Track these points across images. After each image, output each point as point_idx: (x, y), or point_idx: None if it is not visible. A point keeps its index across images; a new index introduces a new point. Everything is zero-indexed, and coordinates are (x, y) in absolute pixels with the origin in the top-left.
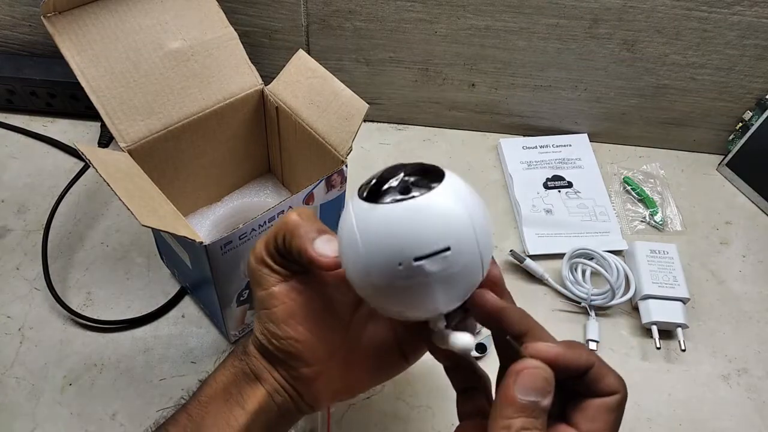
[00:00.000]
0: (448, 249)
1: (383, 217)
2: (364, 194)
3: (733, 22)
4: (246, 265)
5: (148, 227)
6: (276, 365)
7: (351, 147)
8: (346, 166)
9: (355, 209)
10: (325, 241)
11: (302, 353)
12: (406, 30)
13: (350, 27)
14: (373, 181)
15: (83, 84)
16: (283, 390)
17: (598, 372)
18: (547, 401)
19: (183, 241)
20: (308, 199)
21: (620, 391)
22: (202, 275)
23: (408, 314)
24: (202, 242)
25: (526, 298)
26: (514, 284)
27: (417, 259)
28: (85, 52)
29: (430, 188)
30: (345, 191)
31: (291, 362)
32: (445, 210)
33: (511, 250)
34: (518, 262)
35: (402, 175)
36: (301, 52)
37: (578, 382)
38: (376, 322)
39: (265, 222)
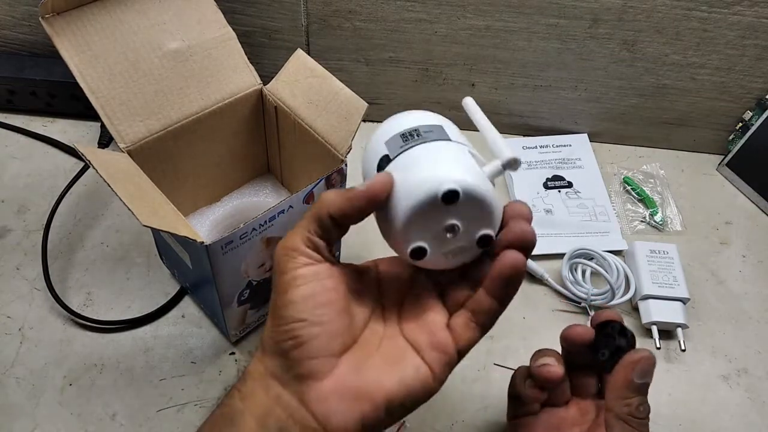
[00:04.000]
0: None
1: None
2: None
3: (733, 22)
4: (274, 254)
5: (149, 228)
6: (279, 373)
7: (350, 146)
8: (346, 165)
9: None
10: (361, 184)
11: (311, 340)
12: (406, 30)
13: (350, 27)
14: None
15: (82, 85)
16: (283, 408)
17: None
18: (650, 380)
19: (184, 241)
20: (308, 198)
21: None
22: (202, 275)
23: None
24: (203, 242)
25: (526, 297)
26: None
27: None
28: (84, 53)
29: None
30: None
31: (297, 353)
32: None
33: None
34: None
35: None
36: (300, 52)
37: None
38: (398, 332)
39: (265, 221)
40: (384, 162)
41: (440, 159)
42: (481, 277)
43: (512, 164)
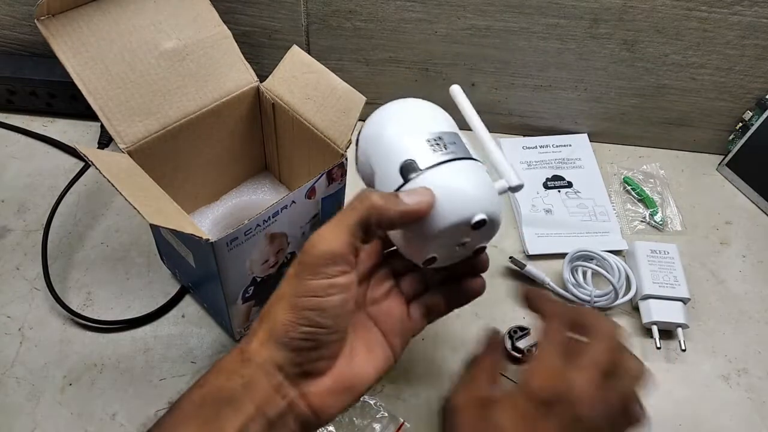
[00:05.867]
0: None
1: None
2: None
3: (733, 22)
4: (310, 249)
5: (156, 225)
6: (285, 365)
7: (350, 140)
8: (346, 159)
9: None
10: (406, 195)
11: (328, 344)
12: (406, 30)
13: (350, 27)
14: None
15: (80, 86)
16: (282, 397)
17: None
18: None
19: (188, 239)
20: (310, 193)
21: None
22: (206, 273)
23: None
24: (208, 239)
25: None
26: (515, 290)
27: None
28: (81, 55)
29: None
30: (345, 184)
31: (311, 354)
32: None
33: (510, 257)
34: (519, 269)
35: None
36: (296, 48)
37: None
38: (367, 317)
39: (269, 217)
40: (410, 168)
41: (471, 184)
42: (432, 279)
43: (519, 189)
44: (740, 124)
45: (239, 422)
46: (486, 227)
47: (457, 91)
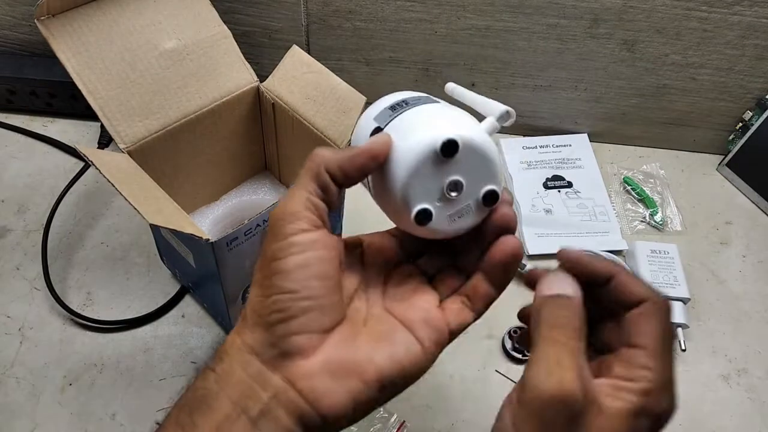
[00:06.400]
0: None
1: None
2: None
3: (733, 22)
4: (269, 218)
5: (156, 225)
6: (260, 349)
7: (350, 140)
8: None
9: None
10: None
11: (300, 315)
12: (406, 30)
13: (350, 27)
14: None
15: (80, 86)
16: (264, 388)
17: (621, 280)
18: (573, 292)
19: (188, 239)
20: None
21: (649, 298)
22: (206, 273)
23: None
24: (208, 239)
25: (527, 301)
26: (515, 291)
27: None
28: (81, 55)
29: None
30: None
31: (283, 328)
32: None
33: None
34: (519, 269)
35: None
36: (296, 48)
37: (604, 295)
38: (383, 310)
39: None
40: (375, 133)
41: (434, 117)
42: (471, 267)
43: (506, 117)
44: (740, 124)
45: (214, 423)
46: (468, 157)
47: (452, 86)
